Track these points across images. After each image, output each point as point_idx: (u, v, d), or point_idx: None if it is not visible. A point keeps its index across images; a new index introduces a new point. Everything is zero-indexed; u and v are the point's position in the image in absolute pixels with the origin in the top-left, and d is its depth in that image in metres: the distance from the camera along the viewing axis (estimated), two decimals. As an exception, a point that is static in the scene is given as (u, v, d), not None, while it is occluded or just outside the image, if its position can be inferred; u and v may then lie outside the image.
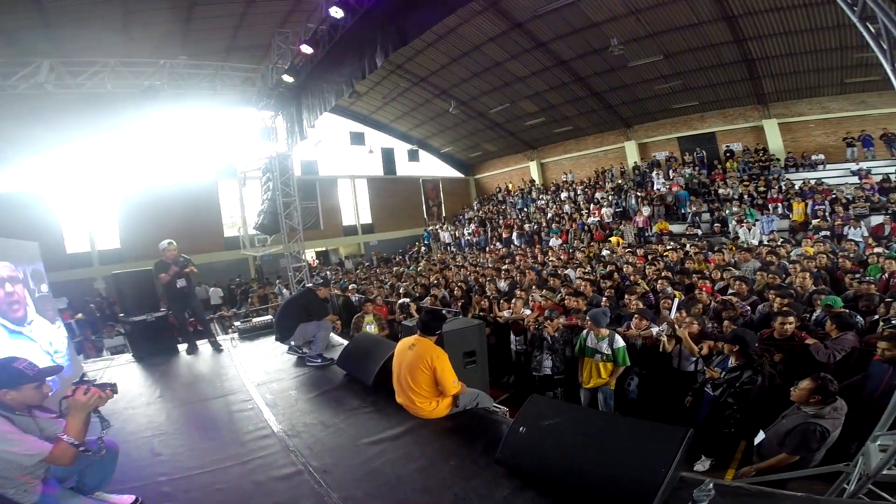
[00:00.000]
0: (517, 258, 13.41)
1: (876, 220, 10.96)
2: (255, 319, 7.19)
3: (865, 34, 2.82)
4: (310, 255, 21.68)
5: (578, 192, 20.10)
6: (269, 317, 7.28)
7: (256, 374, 4.97)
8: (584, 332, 5.20)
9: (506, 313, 7.06)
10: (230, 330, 7.72)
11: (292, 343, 5.39)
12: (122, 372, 5.42)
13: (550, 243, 16.38)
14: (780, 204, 13.51)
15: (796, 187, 13.87)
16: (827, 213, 11.78)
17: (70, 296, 13.99)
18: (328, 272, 16.89)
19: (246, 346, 6.33)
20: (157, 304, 6.39)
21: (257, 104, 10.83)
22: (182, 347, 6.20)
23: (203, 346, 6.25)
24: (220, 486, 2.80)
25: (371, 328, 7.19)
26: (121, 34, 11.41)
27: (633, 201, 16.86)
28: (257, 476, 2.90)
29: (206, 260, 16.69)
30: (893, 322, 4.33)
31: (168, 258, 5.94)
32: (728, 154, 17.93)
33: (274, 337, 5.72)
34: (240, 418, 3.84)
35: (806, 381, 3.33)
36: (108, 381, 2.39)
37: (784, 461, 3.16)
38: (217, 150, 19.30)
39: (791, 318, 4.65)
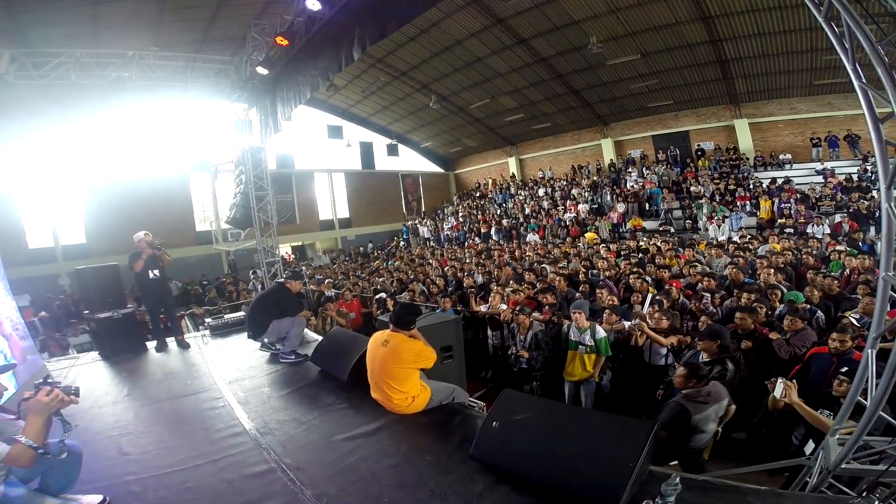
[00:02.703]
0: (494, 253, 13.49)
1: (839, 218, 11.39)
2: (227, 316, 7.03)
3: (830, 34, 2.87)
4: (286, 250, 21.35)
5: (556, 188, 20.32)
6: (242, 313, 7.14)
7: (228, 371, 4.87)
8: (566, 325, 5.28)
9: (483, 308, 7.10)
10: (201, 327, 7.54)
11: (265, 340, 5.30)
12: (87, 371, 5.24)
13: (528, 238, 16.54)
14: (748, 202, 13.93)
15: (764, 186, 14.31)
16: (792, 211, 12.20)
17: (33, 293, 13.47)
18: (303, 267, 16.63)
19: (217, 343, 6.18)
20: (124, 300, 6.19)
21: (230, 96, 10.55)
22: (151, 345, 6.02)
23: (172, 343, 6.09)
24: (190, 485, 2.75)
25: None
26: (89, 25, 10.96)
27: (609, 198, 17.15)
28: (229, 474, 2.85)
29: (178, 255, 16.11)
30: (851, 317, 4.51)
31: (142, 248, 5.77)
32: (700, 153, 18.38)
33: (246, 334, 5.60)
34: (210, 416, 3.76)
35: (680, 368, 3.67)
36: (71, 384, 2.31)
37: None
38: (189, 142, 18.76)
39: (746, 316, 4.87)
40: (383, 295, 8.63)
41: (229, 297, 13.17)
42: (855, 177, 13.05)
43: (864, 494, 2.49)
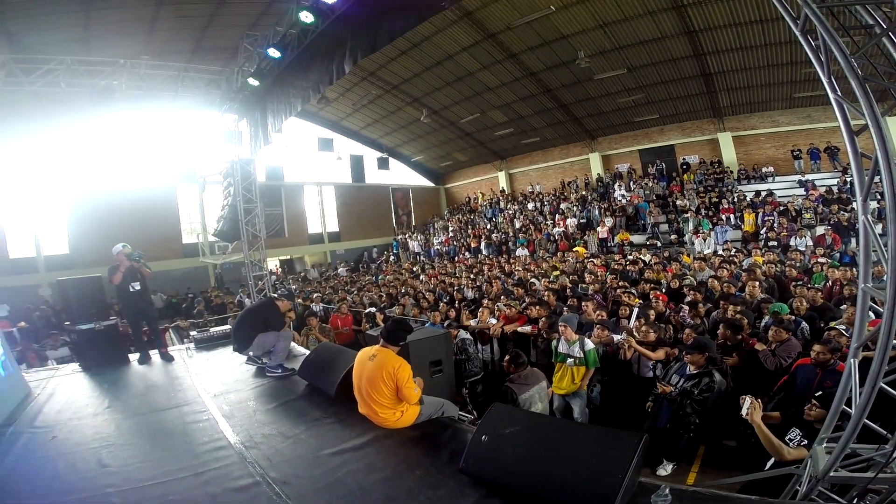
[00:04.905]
0: (484, 268, 13.50)
1: (821, 230, 11.60)
2: (212, 329, 6.92)
3: (806, 47, 2.95)
4: (273, 264, 21.15)
5: (545, 202, 20.50)
6: (228, 327, 7.04)
7: (213, 384, 4.78)
8: (555, 338, 5.31)
9: (472, 322, 7.09)
10: (186, 340, 7.42)
11: (251, 353, 5.22)
12: (67, 382, 5.11)
13: (517, 253, 16.58)
14: (732, 215, 14.15)
15: (748, 199, 14.57)
16: (774, 224, 12.40)
17: (12, 303, 13.18)
18: (293, 286, 16.44)
19: (202, 356, 6.07)
20: (107, 312, 6.07)
21: (221, 107, 10.54)
22: (134, 357, 5.90)
23: (156, 356, 5.97)
24: (172, 498, 2.68)
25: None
26: (81, 31, 10.95)
27: (597, 212, 17.32)
28: (212, 488, 2.78)
29: (164, 267, 16.00)
30: (838, 327, 4.57)
31: (120, 260, 5.68)
32: (685, 166, 18.70)
33: (231, 347, 5.51)
34: (194, 429, 3.68)
35: (506, 357, 4.58)
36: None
37: None
38: (177, 153, 18.61)
39: (729, 331, 4.96)
40: (372, 310, 8.58)
41: (216, 311, 12.97)
42: (835, 188, 13.32)
43: (854, 502, 2.50)
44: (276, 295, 5.57)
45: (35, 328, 11.24)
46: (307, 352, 5.46)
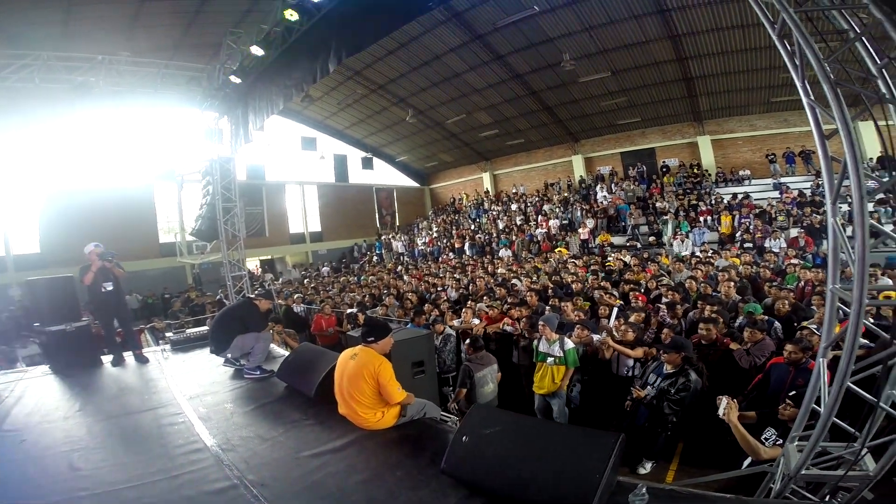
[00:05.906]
0: (468, 268, 13.52)
1: (794, 232, 11.91)
2: (189, 331, 6.77)
3: (782, 51, 3.00)
4: (254, 264, 20.84)
5: (528, 203, 20.65)
6: (205, 328, 6.89)
7: (189, 386, 4.67)
8: (536, 338, 5.35)
9: (455, 322, 7.09)
10: (161, 341, 7.25)
11: (228, 355, 5.11)
12: (37, 384, 4.94)
13: (500, 254, 16.66)
14: (709, 217, 14.45)
15: (725, 201, 14.90)
16: (750, 226, 12.70)
17: (-20, 304, 12.71)
18: (269, 278, 16.21)
19: (178, 358, 5.92)
20: (78, 313, 5.89)
21: (201, 105, 10.33)
22: (107, 359, 5.73)
23: (130, 358, 5.81)
24: (147, 502, 2.62)
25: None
26: (59, 26, 10.62)
27: (579, 214, 17.51)
28: (188, 490, 2.72)
29: (140, 267, 15.63)
30: (810, 327, 4.69)
31: (91, 260, 5.52)
32: (665, 169, 19.03)
33: (209, 349, 5.40)
34: (169, 432, 3.59)
35: (467, 341, 5.44)
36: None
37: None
38: (155, 151, 18.21)
39: (711, 326, 5.04)
40: (353, 310, 8.52)
41: (195, 311, 12.71)
42: (808, 192, 13.68)
43: (826, 499, 2.57)
44: (253, 295, 5.47)
45: (4, 330, 10.85)
46: (286, 353, 5.38)
